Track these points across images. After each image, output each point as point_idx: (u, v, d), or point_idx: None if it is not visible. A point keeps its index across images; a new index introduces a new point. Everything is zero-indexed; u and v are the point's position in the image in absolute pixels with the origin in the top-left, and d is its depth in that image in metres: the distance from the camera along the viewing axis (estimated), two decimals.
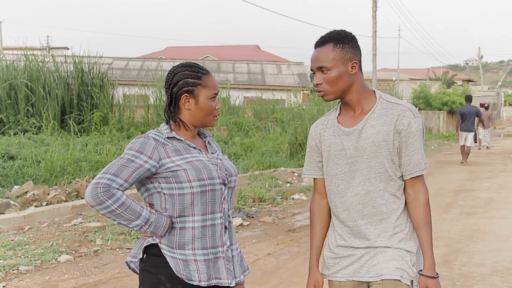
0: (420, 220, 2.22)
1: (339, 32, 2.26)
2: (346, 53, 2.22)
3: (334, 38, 2.23)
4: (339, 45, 2.22)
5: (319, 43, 2.26)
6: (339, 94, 2.25)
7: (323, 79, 2.23)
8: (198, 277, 2.10)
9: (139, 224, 2.06)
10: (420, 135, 2.23)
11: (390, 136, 2.20)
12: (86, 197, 2.00)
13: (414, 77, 48.10)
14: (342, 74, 2.21)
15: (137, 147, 2.09)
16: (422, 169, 2.23)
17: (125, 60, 28.65)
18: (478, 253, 6.08)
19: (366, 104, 2.27)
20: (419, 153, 2.22)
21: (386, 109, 2.24)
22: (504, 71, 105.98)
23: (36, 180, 9.04)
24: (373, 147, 2.21)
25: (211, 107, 2.20)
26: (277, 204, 8.95)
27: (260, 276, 5.25)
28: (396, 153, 2.22)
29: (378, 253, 2.24)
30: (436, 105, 30.74)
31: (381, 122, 2.22)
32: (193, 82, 2.17)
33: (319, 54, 2.24)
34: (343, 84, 2.22)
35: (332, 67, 2.21)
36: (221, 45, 56.42)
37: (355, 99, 2.26)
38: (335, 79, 2.21)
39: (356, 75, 2.24)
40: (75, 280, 4.99)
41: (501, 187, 11.11)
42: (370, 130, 2.22)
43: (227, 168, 2.23)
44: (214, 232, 2.15)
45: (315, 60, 2.25)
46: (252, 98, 22.22)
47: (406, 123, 2.20)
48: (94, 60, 15.63)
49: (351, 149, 2.24)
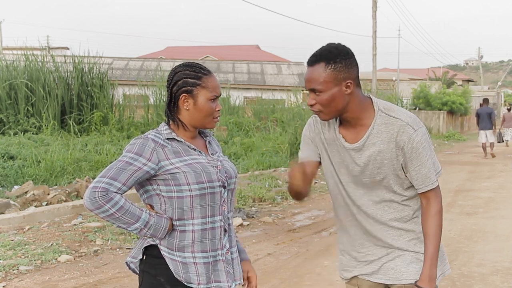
0: (427, 230, 2.18)
1: (330, 49, 2.10)
2: (339, 73, 2.07)
3: (326, 56, 2.08)
4: (330, 65, 2.07)
5: (311, 62, 2.12)
6: (335, 114, 2.15)
7: (316, 100, 2.12)
8: (197, 280, 2.09)
9: (138, 227, 2.05)
10: (425, 147, 2.12)
11: (393, 153, 2.12)
12: (84, 201, 2.00)
13: (414, 77, 48.09)
14: (335, 95, 2.08)
15: (135, 149, 2.06)
16: (431, 183, 2.15)
17: (125, 60, 28.65)
18: (478, 253, 6.08)
19: (365, 119, 2.16)
20: (425, 167, 2.13)
21: (386, 124, 2.13)
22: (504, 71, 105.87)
23: (36, 180, 9.03)
24: (375, 164, 2.14)
25: (210, 108, 2.15)
26: (277, 204, 8.95)
27: (260, 276, 5.23)
28: (401, 168, 2.15)
29: (396, 256, 2.23)
30: (436, 105, 30.74)
31: (381, 140, 2.13)
32: (193, 82, 2.14)
33: (311, 74, 2.11)
34: (337, 105, 2.11)
35: (324, 89, 2.08)
36: (221, 45, 56.46)
37: (353, 116, 2.15)
38: (328, 101, 2.09)
39: (352, 94, 2.11)
40: (75, 280, 4.99)
41: (501, 187, 11.11)
42: (371, 149, 2.14)
43: (227, 170, 2.20)
44: (214, 235, 2.13)
45: (307, 81, 2.13)
46: (252, 98, 22.21)
47: (407, 139, 2.10)
48: (94, 60, 15.61)
49: (352, 164, 2.19)
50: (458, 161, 15.72)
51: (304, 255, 5.98)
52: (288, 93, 21.87)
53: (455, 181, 11.86)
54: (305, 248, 6.28)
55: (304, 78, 2.17)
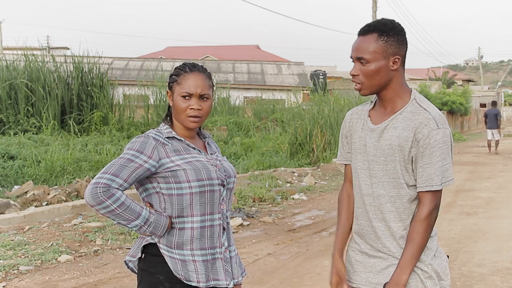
0: (410, 234, 2.07)
1: (386, 22, 2.10)
2: (390, 47, 2.06)
3: (380, 28, 2.07)
4: (383, 37, 2.06)
5: (363, 31, 2.10)
6: (376, 89, 2.11)
7: (361, 70, 2.08)
8: (197, 278, 2.10)
9: (138, 224, 2.06)
10: (441, 148, 2.03)
11: (409, 143, 2.05)
12: (85, 196, 2.00)
13: (414, 77, 48.07)
14: (382, 68, 2.06)
15: (137, 146, 2.08)
16: (432, 185, 2.04)
17: (125, 60, 28.63)
18: (478, 253, 6.08)
19: (398, 103, 2.12)
20: (433, 167, 2.03)
21: (414, 113, 2.08)
22: (504, 71, 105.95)
23: (36, 180, 9.04)
24: (390, 150, 2.09)
25: (180, 105, 2.16)
26: (277, 204, 8.95)
27: (260, 276, 5.25)
28: (410, 161, 2.08)
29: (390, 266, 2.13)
30: (436, 105, 30.55)
31: (404, 126, 2.07)
32: (173, 79, 2.20)
33: (360, 43, 2.09)
34: (380, 79, 2.08)
35: (372, 60, 2.06)
36: (221, 45, 56.46)
37: (390, 96, 2.12)
38: (373, 72, 2.07)
39: (397, 71, 2.09)
40: (75, 280, 4.99)
41: (501, 187, 11.11)
42: (391, 132, 2.09)
43: (226, 169, 2.23)
44: (212, 233, 2.15)
45: (355, 49, 2.10)
46: (252, 98, 22.21)
47: (426, 133, 2.03)
48: (94, 60, 15.64)
49: (371, 147, 2.14)
50: (458, 161, 15.71)
51: (304, 255, 5.98)
52: (288, 93, 21.87)
53: (455, 181, 11.79)
54: (305, 248, 6.28)
55: (352, 46, 2.13)
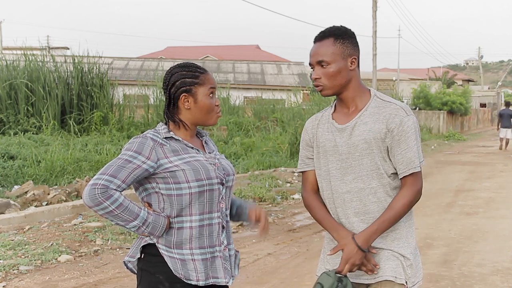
0: (392, 203, 2.18)
1: (339, 27, 2.27)
2: (346, 48, 2.22)
3: (335, 33, 2.24)
4: (339, 40, 2.22)
5: (319, 37, 2.26)
6: (337, 90, 2.25)
7: (322, 73, 2.23)
8: (196, 276, 2.10)
9: (136, 225, 2.06)
10: (414, 133, 2.19)
11: (382, 134, 2.19)
12: (84, 198, 2.01)
13: (414, 77, 48.12)
14: (342, 69, 2.21)
15: (135, 147, 2.09)
16: (415, 167, 2.18)
17: (125, 60, 28.65)
18: (478, 253, 6.08)
19: (360, 102, 2.26)
20: (412, 151, 2.18)
21: (379, 107, 2.23)
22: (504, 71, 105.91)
23: (36, 180, 9.03)
24: (365, 144, 2.20)
25: (211, 104, 2.20)
26: (277, 204, 8.95)
27: (260, 276, 5.25)
28: (386, 151, 2.21)
29: (374, 255, 2.22)
30: (436, 105, 30.72)
31: (373, 120, 2.21)
32: (191, 82, 2.18)
33: (319, 48, 2.24)
34: (341, 79, 2.23)
35: (331, 62, 2.21)
36: (221, 45, 56.48)
37: (351, 95, 2.26)
38: (334, 73, 2.21)
39: (355, 71, 2.25)
40: (75, 280, 4.99)
41: (501, 187, 11.11)
42: (362, 128, 2.22)
43: (224, 167, 2.24)
44: (211, 232, 2.16)
45: (314, 54, 2.25)
46: (252, 98, 22.21)
47: (398, 121, 2.18)
48: (94, 60, 15.61)
49: (343, 146, 2.24)
50: (458, 161, 15.71)
51: (304, 255, 5.98)
52: (288, 93, 21.88)
53: (455, 181, 11.86)
54: (305, 248, 6.28)
55: (311, 53, 2.27)
